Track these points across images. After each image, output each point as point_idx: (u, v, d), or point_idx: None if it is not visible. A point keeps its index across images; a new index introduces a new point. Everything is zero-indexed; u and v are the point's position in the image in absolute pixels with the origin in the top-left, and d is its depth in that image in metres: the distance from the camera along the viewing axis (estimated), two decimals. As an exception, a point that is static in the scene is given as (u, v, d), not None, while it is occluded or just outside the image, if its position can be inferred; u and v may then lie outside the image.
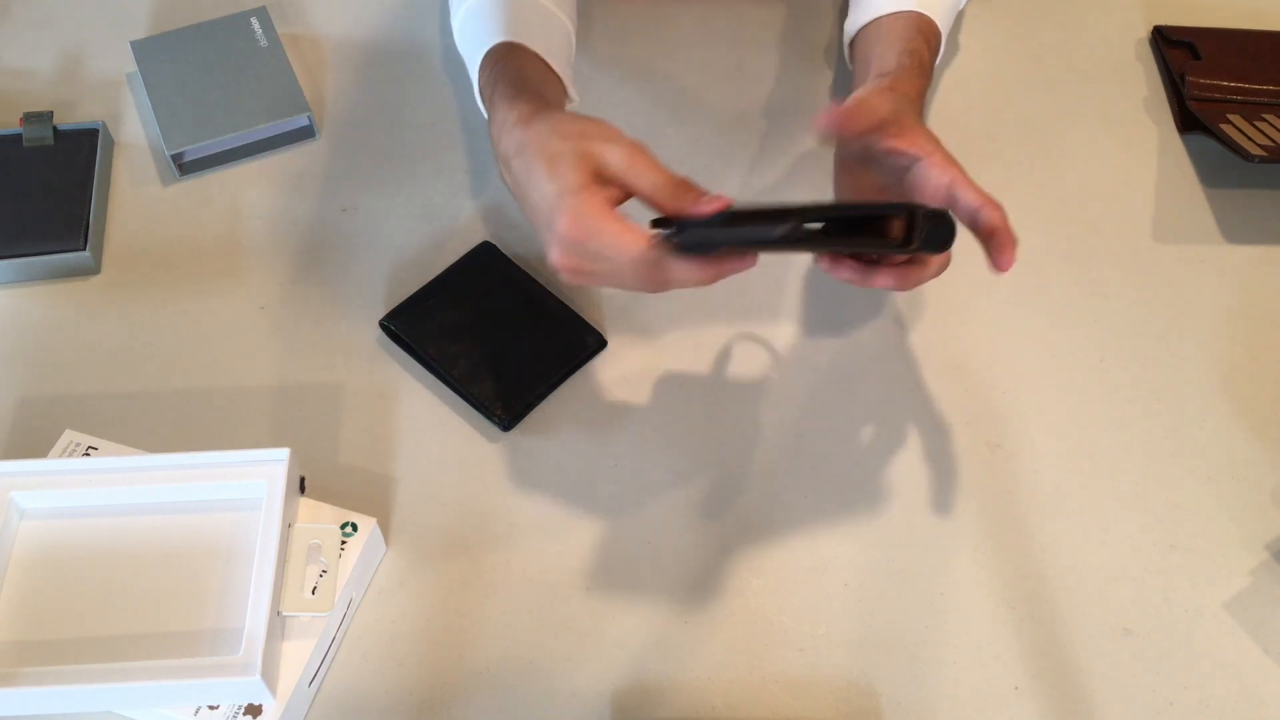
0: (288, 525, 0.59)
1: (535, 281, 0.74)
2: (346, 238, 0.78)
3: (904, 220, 0.56)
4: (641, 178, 0.57)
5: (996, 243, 0.59)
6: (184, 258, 0.77)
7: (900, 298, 0.75)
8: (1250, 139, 0.78)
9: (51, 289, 0.75)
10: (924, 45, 0.73)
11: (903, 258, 0.60)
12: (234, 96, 0.82)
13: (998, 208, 0.60)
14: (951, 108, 0.86)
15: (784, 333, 0.74)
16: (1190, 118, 0.83)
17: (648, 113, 0.85)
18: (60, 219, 0.76)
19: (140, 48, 0.85)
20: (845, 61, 0.81)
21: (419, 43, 0.89)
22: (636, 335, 0.73)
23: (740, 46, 0.89)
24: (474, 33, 0.73)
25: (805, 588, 0.64)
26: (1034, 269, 0.77)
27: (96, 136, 0.80)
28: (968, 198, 0.60)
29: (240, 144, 0.81)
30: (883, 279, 0.60)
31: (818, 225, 0.57)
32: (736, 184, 0.81)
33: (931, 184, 0.61)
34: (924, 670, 0.61)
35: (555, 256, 0.58)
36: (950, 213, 0.58)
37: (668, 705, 0.60)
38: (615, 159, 0.57)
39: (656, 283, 0.57)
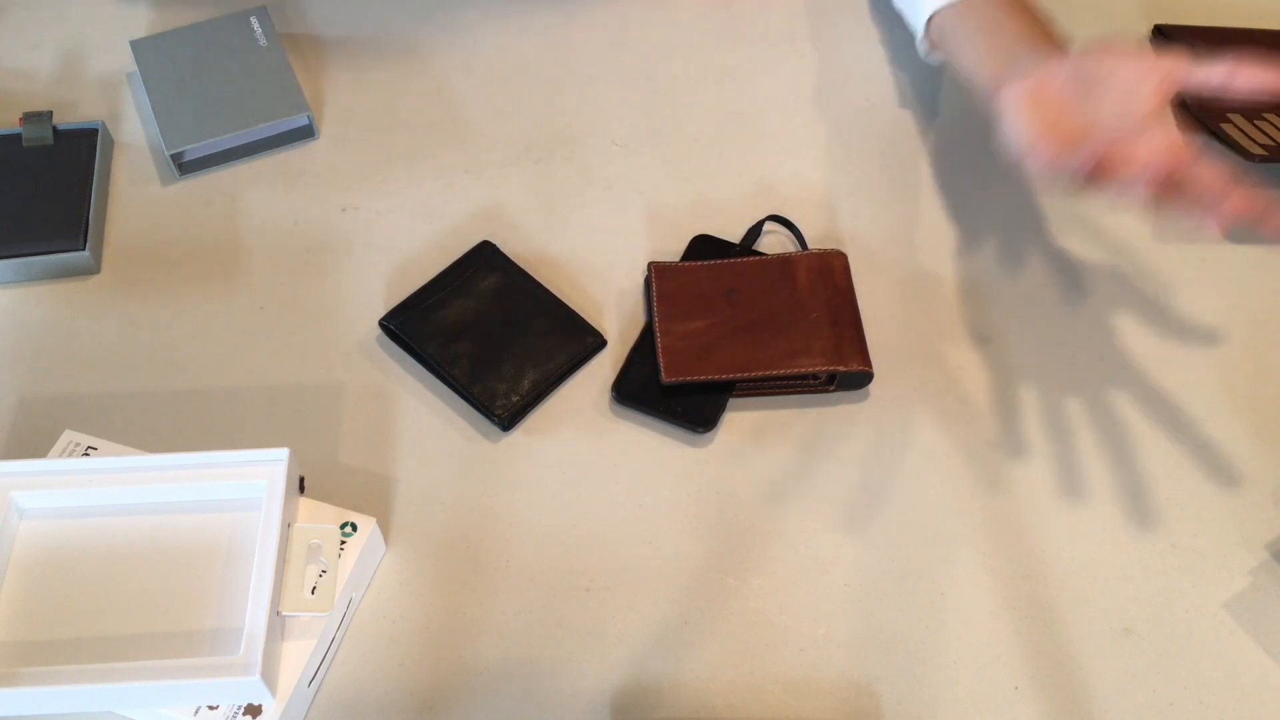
0: (287, 525, 0.59)
1: (535, 281, 0.74)
2: (346, 238, 0.78)
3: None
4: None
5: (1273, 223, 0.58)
6: (184, 258, 0.77)
7: (898, 299, 0.75)
8: (1250, 139, 0.78)
9: (51, 289, 0.75)
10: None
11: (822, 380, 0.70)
12: (234, 96, 0.82)
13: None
14: (952, 107, 0.86)
15: (784, 333, 0.74)
16: (1190, 117, 0.83)
17: (648, 111, 0.85)
18: (60, 219, 0.76)
19: (140, 47, 0.85)
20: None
21: (419, 43, 0.89)
22: (635, 335, 0.73)
23: (743, 44, 0.89)
24: None
25: (805, 588, 0.64)
26: (1033, 268, 0.77)
27: (96, 136, 0.80)
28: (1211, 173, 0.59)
29: (240, 144, 0.81)
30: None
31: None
32: (735, 181, 0.81)
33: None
34: (924, 670, 0.61)
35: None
36: (870, 373, 0.69)
37: (668, 705, 0.60)
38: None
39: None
